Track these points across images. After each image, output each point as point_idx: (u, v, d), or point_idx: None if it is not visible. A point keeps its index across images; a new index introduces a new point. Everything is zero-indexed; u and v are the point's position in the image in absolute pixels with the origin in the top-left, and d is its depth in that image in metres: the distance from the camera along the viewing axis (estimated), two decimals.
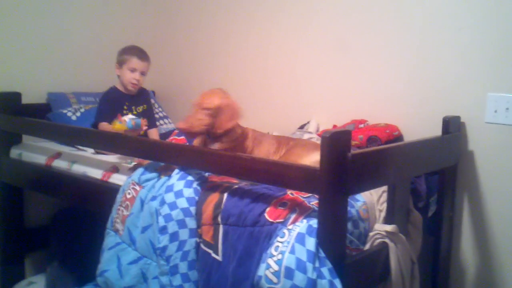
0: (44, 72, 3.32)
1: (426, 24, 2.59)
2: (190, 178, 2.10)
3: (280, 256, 1.67)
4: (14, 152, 3.04)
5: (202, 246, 1.97)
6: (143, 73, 2.97)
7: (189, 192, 2.04)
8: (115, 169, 2.55)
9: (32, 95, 3.22)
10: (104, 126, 2.83)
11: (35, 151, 2.95)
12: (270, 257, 1.70)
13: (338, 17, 2.94)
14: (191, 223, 2.00)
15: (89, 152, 2.84)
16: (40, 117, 3.06)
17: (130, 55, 2.95)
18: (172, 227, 1.99)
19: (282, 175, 1.78)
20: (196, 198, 2.04)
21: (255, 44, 3.38)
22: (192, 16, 3.71)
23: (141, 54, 2.97)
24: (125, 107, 2.94)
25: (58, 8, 3.37)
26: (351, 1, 2.87)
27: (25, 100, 3.14)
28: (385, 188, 2.08)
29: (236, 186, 2.01)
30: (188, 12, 3.74)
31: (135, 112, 2.96)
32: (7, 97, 3.06)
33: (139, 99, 3.03)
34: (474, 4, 2.43)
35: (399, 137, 2.63)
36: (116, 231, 2.22)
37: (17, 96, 3.11)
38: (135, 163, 2.49)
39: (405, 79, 2.67)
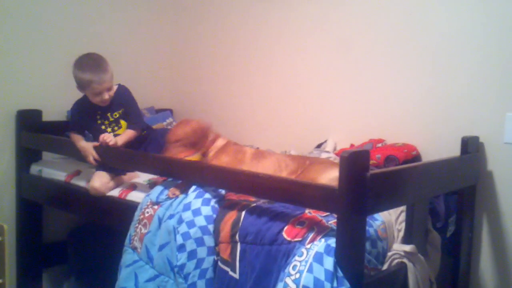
0: (64, 90, 3.35)
1: (444, 43, 2.59)
2: (207, 196, 2.11)
3: (298, 275, 1.67)
4: (34, 169, 3.09)
5: (220, 264, 1.98)
6: (109, 89, 2.64)
7: (207, 210, 2.05)
8: (132, 186, 2.57)
9: (52, 112, 3.27)
10: (73, 137, 2.72)
11: (55, 168, 2.99)
12: (288, 276, 1.70)
13: (357, 37, 2.95)
14: (209, 241, 2.01)
15: None
16: (60, 134, 3.10)
17: (88, 81, 2.59)
18: (190, 245, 2.00)
19: (301, 194, 1.78)
20: (214, 216, 2.05)
21: (272, 64, 3.40)
22: (208, 36, 3.75)
23: (98, 76, 2.59)
24: (98, 117, 2.72)
25: (79, 27, 3.42)
26: (370, 23, 2.88)
27: (45, 117, 3.20)
28: (403, 207, 2.07)
29: (254, 205, 2.02)
30: (204, 32, 3.78)
31: (111, 119, 2.74)
32: (28, 114, 3.12)
33: (113, 105, 2.72)
34: (492, 23, 2.42)
35: (417, 157, 2.62)
36: (134, 248, 2.23)
37: (38, 113, 3.17)
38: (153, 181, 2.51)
39: (424, 99, 2.67)
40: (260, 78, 3.48)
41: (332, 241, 1.70)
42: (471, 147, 2.37)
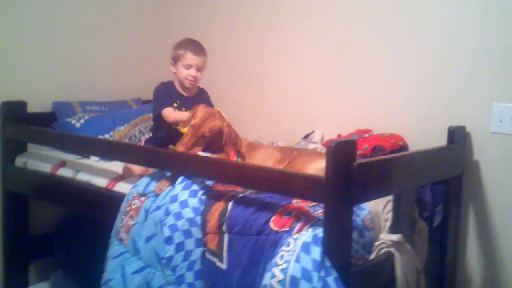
0: (49, 81, 3.33)
1: (431, 34, 2.59)
2: (194, 187, 2.10)
3: (285, 265, 1.67)
4: (20, 161, 3.05)
5: (207, 254, 1.97)
6: (199, 69, 2.66)
7: (194, 202, 2.04)
8: (120, 177, 2.55)
9: (37, 104, 3.23)
10: (170, 111, 2.57)
11: (40, 160, 2.96)
12: (275, 266, 1.69)
13: (344, 27, 2.95)
14: (197, 232, 2.00)
15: (92, 160, 2.85)
16: (46, 126, 3.07)
17: (184, 50, 2.65)
18: (178, 237, 1.99)
19: (288, 184, 1.78)
20: (202, 208, 2.04)
21: (258, 55, 3.39)
22: (197, 28, 3.72)
23: (196, 48, 2.67)
24: (175, 105, 2.67)
25: (64, 17, 3.38)
26: (358, 13, 2.88)
27: (30, 109, 3.16)
28: (390, 197, 2.07)
29: (241, 195, 2.01)
30: (193, 24, 3.76)
31: None
32: (13, 105, 3.08)
33: (193, 104, 2.64)
34: (479, 14, 2.43)
35: (404, 147, 2.63)
36: (121, 240, 2.22)
37: (22, 105, 3.12)
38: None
39: (410, 89, 2.68)
40: (247, 70, 3.47)
41: (319, 231, 1.70)
42: (458, 137, 2.38)
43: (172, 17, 3.89)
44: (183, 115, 2.50)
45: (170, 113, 2.55)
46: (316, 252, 1.65)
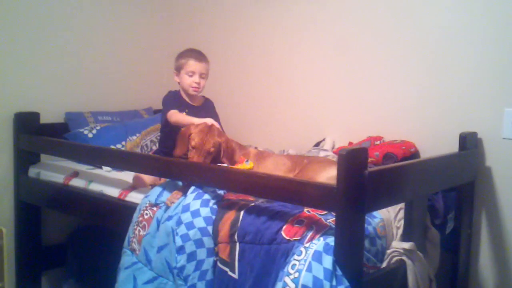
0: (62, 92, 3.36)
1: (441, 39, 2.59)
2: (206, 197, 2.10)
3: (297, 275, 1.67)
4: (33, 171, 3.08)
5: (219, 264, 1.97)
6: (202, 76, 2.69)
7: (206, 212, 2.04)
8: (132, 187, 2.56)
9: (50, 114, 3.26)
10: (174, 111, 2.58)
11: (53, 170, 2.98)
12: (287, 275, 1.69)
13: (351, 34, 2.95)
14: (209, 242, 2.00)
15: (104, 170, 2.87)
16: (58, 137, 3.10)
17: (186, 58, 2.69)
18: (189, 247, 1.99)
19: (299, 193, 1.78)
20: (213, 217, 2.04)
21: (270, 63, 3.39)
22: (205, 36, 3.74)
23: (197, 56, 2.71)
24: (184, 114, 2.67)
25: (76, 28, 3.41)
26: (366, 19, 2.88)
27: (43, 119, 3.19)
28: (402, 205, 2.06)
29: (253, 204, 2.02)
30: (201, 32, 3.77)
31: None
32: (26, 117, 3.11)
33: (200, 113, 2.67)
34: (490, 18, 2.42)
35: (416, 154, 2.61)
36: (133, 250, 2.22)
37: (35, 116, 3.15)
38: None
39: (421, 95, 2.67)
40: (257, 77, 3.47)
41: (331, 240, 1.70)
42: (470, 143, 2.37)
43: (180, 26, 3.91)
44: (185, 118, 2.52)
45: (173, 114, 2.57)
46: (328, 261, 1.65)
